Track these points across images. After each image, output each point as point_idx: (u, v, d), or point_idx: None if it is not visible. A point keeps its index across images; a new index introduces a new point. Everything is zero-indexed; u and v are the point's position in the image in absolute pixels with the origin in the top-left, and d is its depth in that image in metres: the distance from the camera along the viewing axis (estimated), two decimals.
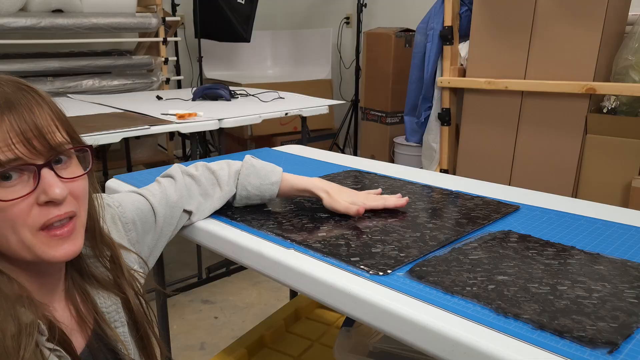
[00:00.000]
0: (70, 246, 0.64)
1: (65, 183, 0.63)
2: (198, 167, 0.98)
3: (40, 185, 0.60)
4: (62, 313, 0.70)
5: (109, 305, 0.73)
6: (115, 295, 0.74)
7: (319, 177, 1.24)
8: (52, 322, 0.64)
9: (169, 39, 3.50)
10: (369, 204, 0.97)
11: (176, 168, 0.97)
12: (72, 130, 0.65)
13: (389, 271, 0.74)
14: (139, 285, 0.78)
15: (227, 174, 0.98)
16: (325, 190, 0.98)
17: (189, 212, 0.94)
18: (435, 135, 2.62)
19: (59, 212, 0.62)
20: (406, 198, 1.00)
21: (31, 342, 0.59)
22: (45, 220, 0.61)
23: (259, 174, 0.98)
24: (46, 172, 0.61)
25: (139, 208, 0.86)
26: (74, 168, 0.65)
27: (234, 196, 0.99)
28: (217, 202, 0.97)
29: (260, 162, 1.01)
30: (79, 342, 0.69)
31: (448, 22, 2.45)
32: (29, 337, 0.59)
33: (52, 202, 0.61)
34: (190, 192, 0.94)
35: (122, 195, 0.88)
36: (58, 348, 0.63)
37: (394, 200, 0.99)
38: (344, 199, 0.97)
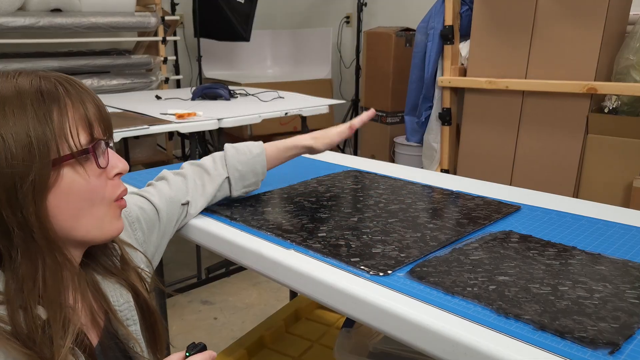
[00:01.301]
0: (122, 222, 0.72)
1: None
2: (184, 166, 1.01)
3: (111, 161, 0.68)
4: (77, 310, 0.70)
5: (122, 303, 0.74)
6: (127, 293, 0.75)
7: (319, 177, 1.24)
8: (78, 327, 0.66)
9: (168, 38, 3.50)
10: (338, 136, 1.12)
11: (166, 171, 1.00)
12: None
13: (389, 272, 0.74)
14: (146, 284, 0.79)
15: (211, 161, 1.01)
16: (313, 137, 1.10)
17: (186, 203, 0.95)
18: (435, 135, 2.62)
19: (124, 185, 0.71)
20: (371, 110, 1.14)
21: (68, 352, 0.61)
22: (119, 192, 0.70)
23: (242, 151, 1.02)
24: (109, 150, 0.69)
25: (142, 207, 0.88)
26: None
27: (230, 183, 1.00)
28: (210, 187, 0.99)
29: (239, 143, 1.04)
30: (91, 340, 0.70)
31: (449, 22, 2.44)
32: (69, 344, 0.62)
33: (117, 176, 0.70)
34: (185, 184, 0.96)
35: None
36: (72, 346, 0.64)
37: (358, 119, 1.11)
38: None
